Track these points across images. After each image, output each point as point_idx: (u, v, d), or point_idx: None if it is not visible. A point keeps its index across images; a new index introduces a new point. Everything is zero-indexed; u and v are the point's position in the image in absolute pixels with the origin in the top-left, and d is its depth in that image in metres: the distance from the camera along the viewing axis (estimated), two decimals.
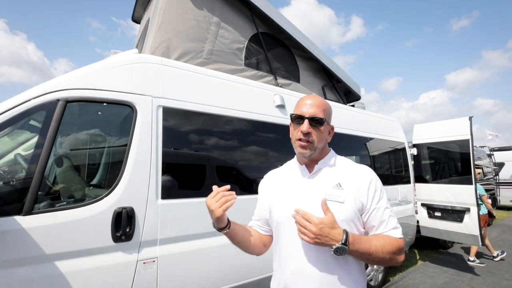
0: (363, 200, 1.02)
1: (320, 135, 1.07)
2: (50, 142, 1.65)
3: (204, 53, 2.67)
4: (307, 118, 1.05)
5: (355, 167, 1.11)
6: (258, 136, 2.66)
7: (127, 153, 1.88)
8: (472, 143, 4.41)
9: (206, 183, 2.26)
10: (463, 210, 4.42)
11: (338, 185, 1.04)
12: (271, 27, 3.32)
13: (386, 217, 1.02)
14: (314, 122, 1.05)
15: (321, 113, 1.07)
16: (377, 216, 1.02)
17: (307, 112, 1.06)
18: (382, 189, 1.06)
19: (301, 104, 1.09)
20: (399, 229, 1.03)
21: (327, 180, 1.07)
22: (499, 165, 11.66)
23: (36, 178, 1.58)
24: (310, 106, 1.07)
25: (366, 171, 1.08)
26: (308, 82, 3.69)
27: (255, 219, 1.28)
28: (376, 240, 0.98)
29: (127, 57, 2.05)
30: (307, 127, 1.04)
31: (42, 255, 1.55)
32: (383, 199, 1.04)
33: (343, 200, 1.00)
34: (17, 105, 1.63)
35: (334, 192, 1.03)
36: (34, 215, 1.56)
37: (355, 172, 1.07)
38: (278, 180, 1.21)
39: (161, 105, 2.06)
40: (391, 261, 1.00)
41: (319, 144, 1.07)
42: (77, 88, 1.80)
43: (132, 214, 1.82)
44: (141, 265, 1.84)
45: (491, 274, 4.52)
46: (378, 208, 1.02)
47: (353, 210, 1.00)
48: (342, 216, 0.98)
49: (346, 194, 1.01)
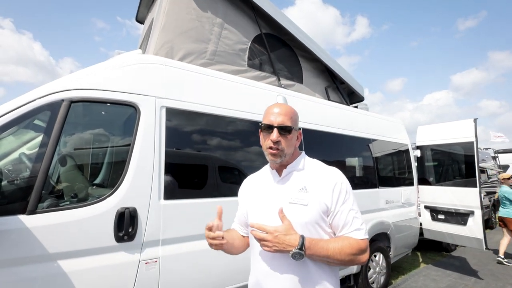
0: (327, 202, 1.05)
1: (289, 142, 1.11)
2: (54, 142, 1.66)
3: (207, 54, 2.68)
4: (276, 127, 1.09)
5: (323, 170, 1.14)
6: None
7: (130, 154, 1.89)
8: (477, 145, 4.37)
9: (208, 184, 2.27)
10: (467, 213, 4.38)
11: (304, 188, 1.08)
12: (274, 28, 3.32)
13: (350, 219, 1.05)
14: (283, 131, 1.09)
15: (288, 121, 1.10)
16: (341, 218, 1.05)
17: (275, 121, 1.09)
18: (348, 191, 1.09)
19: (269, 113, 1.13)
20: (361, 230, 1.06)
21: (294, 184, 1.11)
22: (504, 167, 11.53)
23: (40, 178, 1.59)
24: (278, 115, 1.10)
25: (332, 174, 1.11)
26: (311, 83, 3.68)
27: (237, 222, 1.34)
28: (334, 243, 1.01)
29: (131, 57, 2.06)
30: (276, 136, 1.08)
31: (45, 254, 1.56)
32: (348, 202, 1.07)
33: (307, 203, 1.04)
34: (22, 105, 1.64)
35: (299, 195, 1.07)
36: (38, 214, 1.57)
37: (321, 175, 1.11)
38: (254, 185, 1.27)
39: (164, 105, 2.07)
40: (352, 262, 1.03)
41: (288, 150, 1.11)
42: (82, 89, 1.82)
43: (134, 214, 1.83)
44: (143, 265, 1.84)
45: (495, 278, 4.47)
46: (342, 211, 1.05)
47: (317, 212, 1.04)
48: (306, 219, 1.03)
49: (310, 196, 1.05)
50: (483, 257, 5.61)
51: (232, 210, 1.38)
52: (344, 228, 1.06)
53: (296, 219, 1.03)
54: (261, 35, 3.16)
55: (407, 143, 4.77)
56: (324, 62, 3.72)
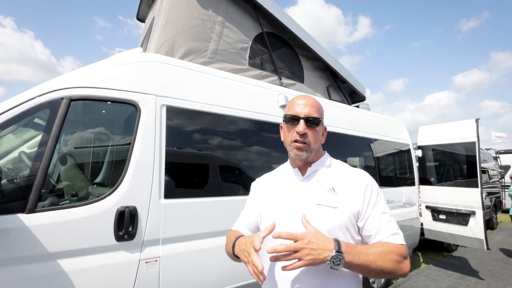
0: (358, 205, 0.95)
1: (316, 135, 1.03)
2: (54, 140, 1.65)
3: (208, 52, 2.66)
4: (303, 118, 1.00)
5: (350, 170, 1.06)
6: (262, 136, 2.64)
7: (130, 152, 1.88)
8: (478, 145, 4.35)
9: (209, 183, 2.25)
10: (468, 213, 4.37)
11: (332, 189, 0.98)
12: (276, 27, 3.31)
13: (384, 223, 0.95)
14: (310, 122, 1.00)
15: (315, 113, 1.02)
16: (374, 222, 0.95)
17: (301, 112, 1.01)
18: (379, 193, 1.00)
19: (294, 104, 1.04)
20: (399, 235, 0.95)
21: (321, 184, 1.01)
22: (505, 168, 11.51)
23: (39, 176, 1.58)
24: (304, 106, 1.02)
25: (361, 175, 1.03)
26: (313, 82, 3.66)
27: (243, 225, 1.19)
28: (373, 248, 0.89)
29: (131, 56, 2.04)
30: (303, 127, 0.99)
31: (44, 253, 1.55)
32: (379, 204, 0.97)
33: (337, 205, 0.94)
34: (21, 103, 1.63)
35: (327, 196, 0.97)
36: (37, 213, 1.56)
37: (350, 176, 1.03)
38: (270, 184, 1.15)
39: (164, 104, 2.06)
40: (394, 271, 0.89)
41: (315, 145, 1.03)
42: (82, 87, 1.80)
43: (135, 213, 1.82)
44: (144, 265, 1.83)
45: (495, 279, 4.46)
46: (374, 214, 0.95)
47: (347, 216, 0.94)
48: (335, 223, 0.92)
49: (340, 198, 0.96)
50: (484, 257, 5.60)
51: (232, 209, 1.37)
52: (379, 234, 0.94)
53: (323, 223, 0.91)
54: (263, 34, 3.14)
55: (409, 143, 4.76)
56: (325, 61, 3.70)
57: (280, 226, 0.95)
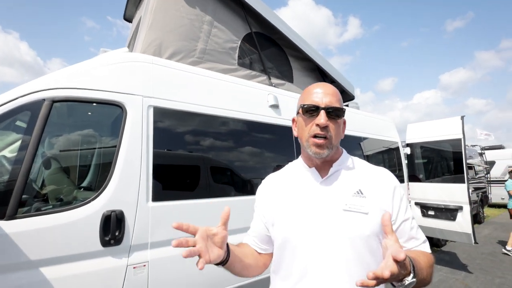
0: (389, 210, 0.85)
1: (338, 129, 0.89)
2: (35, 143, 1.59)
3: (196, 52, 2.63)
4: (323, 108, 0.86)
5: (375, 170, 0.94)
6: (252, 136, 2.62)
7: (116, 155, 1.83)
8: (464, 142, 4.45)
9: (198, 185, 2.22)
10: (456, 208, 4.46)
11: (359, 192, 0.86)
12: (264, 27, 3.30)
13: (415, 229, 0.87)
14: (332, 114, 0.86)
15: (337, 102, 0.88)
16: (406, 228, 0.85)
17: (322, 102, 0.87)
18: (406, 197, 0.91)
19: (312, 93, 0.90)
20: (427, 243, 0.88)
21: (346, 186, 0.88)
22: (490, 163, 11.84)
23: (20, 181, 1.52)
24: (325, 95, 0.88)
25: (388, 175, 0.92)
26: (302, 82, 3.67)
27: (252, 235, 1.04)
28: (422, 260, 0.78)
29: (116, 56, 1.99)
30: (325, 119, 0.85)
31: (26, 261, 1.49)
32: (408, 209, 0.88)
33: (367, 211, 0.83)
34: (1, 105, 1.57)
35: (356, 200, 0.84)
36: (18, 219, 1.50)
37: (376, 176, 0.91)
38: (282, 186, 0.99)
39: (151, 105, 2.01)
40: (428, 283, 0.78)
41: (336, 141, 0.89)
42: (65, 88, 1.74)
43: (121, 217, 1.76)
44: (131, 270, 1.78)
45: (484, 272, 4.56)
46: (406, 220, 0.86)
47: (378, 223, 0.81)
48: (368, 231, 0.81)
49: (370, 203, 0.84)
50: (472, 251, 5.73)
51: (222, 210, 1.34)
52: (411, 240, 0.86)
53: (355, 232, 0.81)
54: (251, 34, 3.13)
55: (397, 141, 4.82)
56: (314, 61, 3.72)
57: (301, 236, 0.85)
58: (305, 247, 0.84)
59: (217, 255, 0.76)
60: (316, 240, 0.83)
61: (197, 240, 0.72)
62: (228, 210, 0.77)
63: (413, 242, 0.86)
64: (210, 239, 0.75)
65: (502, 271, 4.58)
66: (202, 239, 0.73)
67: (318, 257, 0.82)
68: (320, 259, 0.82)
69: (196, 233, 0.73)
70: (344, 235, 0.81)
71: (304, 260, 0.84)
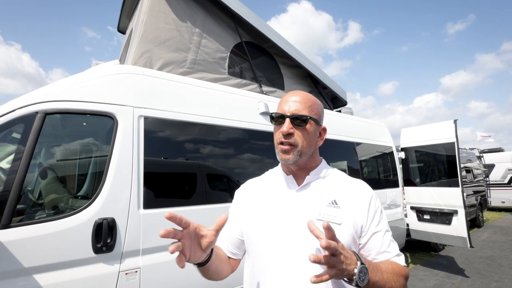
0: (361, 222, 0.86)
1: (306, 136, 0.90)
2: (29, 155, 1.66)
3: (187, 63, 2.71)
4: (288, 116, 0.89)
5: (351, 181, 0.96)
6: (242, 144, 2.68)
7: (108, 164, 1.89)
8: (457, 145, 4.49)
9: (188, 192, 2.27)
10: (451, 212, 4.49)
11: (334, 202, 0.88)
12: (254, 36, 3.38)
13: (387, 242, 0.87)
14: (297, 121, 0.89)
15: (305, 110, 0.90)
16: (377, 240, 0.86)
17: (288, 110, 0.90)
18: (381, 209, 0.92)
19: (283, 102, 0.94)
20: (402, 256, 0.89)
21: (321, 196, 0.90)
22: (489, 166, 11.82)
23: (13, 191, 1.58)
24: (293, 103, 0.91)
25: (364, 187, 0.94)
26: (293, 89, 3.74)
27: (225, 239, 1.02)
28: (384, 266, 0.81)
29: (107, 68, 2.07)
30: (287, 126, 0.88)
31: (20, 268, 1.54)
32: (382, 221, 0.89)
33: (341, 221, 0.84)
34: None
35: (330, 211, 0.86)
36: (12, 228, 1.56)
37: (351, 188, 0.93)
38: (259, 192, 1.01)
39: (142, 115, 2.08)
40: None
41: (305, 148, 0.90)
42: (57, 100, 1.82)
43: (113, 224, 1.82)
44: (123, 276, 1.83)
45: (480, 276, 4.56)
46: (378, 232, 0.87)
47: (350, 233, 0.84)
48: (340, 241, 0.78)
49: (343, 213, 0.85)
50: (470, 255, 5.72)
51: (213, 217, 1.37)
52: (383, 253, 0.87)
53: None
54: (241, 43, 3.21)
55: (392, 145, 4.86)
56: (305, 67, 3.79)
57: (274, 242, 0.86)
58: (275, 254, 0.85)
59: (198, 258, 0.76)
60: (287, 247, 0.84)
61: (184, 235, 0.70)
62: (226, 218, 0.74)
63: (385, 255, 0.86)
64: (197, 239, 0.74)
65: (500, 275, 4.57)
66: (188, 236, 0.72)
67: (287, 264, 0.83)
68: (289, 267, 0.83)
69: (188, 227, 0.71)
70: (315, 243, 0.80)
71: (273, 266, 0.85)
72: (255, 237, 0.91)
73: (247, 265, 0.98)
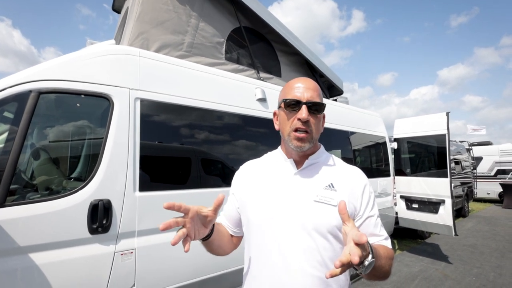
0: (356, 205, 0.90)
1: (317, 123, 0.93)
2: (22, 134, 1.63)
3: (184, 46, 2.66)
4: (305, 103, 0.89)
5: (348, 167, 1.00)
6: (239, 129, 2.69)
7: (103, 146, 1.88)
8: (448, 137, 4.59)
9: (184, 176, 2.28)
10: (439, 202, 4.62)
11: (331, 185, 0.91)
12: (253, 21, 3.32)
13: (378, 226, 0.92)
14: (313, 108, 0.90)
15: (318, 97, 0.92)
16: (370, 224, 0.91)
17: (303, 97, 0.89)
18: (374, 195, 0.97)
19: (294, 87, 0.93)
20: (389, 240, 0.94)
21: (318, 179, 0.93)
22: (477, 159, 12.14)
23: (7, 171, 1.56)
24: (306, 90, 0.91)
25: (360, 174, 0.98)
26: (290, 77, 3.72)
27: (224, 218, 1.08)
28: (381, 251, 0.83)
29: (103, 48, 2.02)
30: (306, 113, 0.88)
31: (15, 247, 1.55)
32: (375, 206, 0.94)
33: (336, 203, 0.86)
34: None
35: (326, 193, 0.89)
36: (7, 207, 1.55)
37: (348, 173, 0.96)
38: (258, 174, 1.03)
39: (138, 97, 2.06)
40: (386, 274, 0.83)
41: (316, 135, 0.94)
42: (51, 79, 1.78)
43: (109, 206, 1.83)
44: (119, 257, 1.85)
45: (463, 263, 4.76)
46: (372, 216, 0.91)
47: None
48: (335, 222, 0.84)
49: (339, 196, 0.88)
50: (454, 243, 5.95)
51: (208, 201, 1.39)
52: (373, 236, 0.90)
53: (323, 221, 0.85)
54: (240, 28, 3.16)
55: (385, 135, 4.93)
56: (303, 55, 3.76)
57: (271, 223, 0.89)
58: (273, 233, 0.88)
59: (202, 234, 0.81)
60: (284, 227, 0.87)
61: (187, 221, 0.74)
62: (222, 198, 0.77)
63: (375, 238, 0.91)
64: (199, 220, 0.78)
65: (481, 262, 4.78)
66: (191, 220, 0.75)
67: (284, 243, 0.86)
68: (286, 245, 0.86)
69: (188, 212, 0.74)
70: (312, 224, 0.85)
71: (270, 245, 0.88)
72: (253, 216, 0.94)
73: (246, 244, 1.02)
